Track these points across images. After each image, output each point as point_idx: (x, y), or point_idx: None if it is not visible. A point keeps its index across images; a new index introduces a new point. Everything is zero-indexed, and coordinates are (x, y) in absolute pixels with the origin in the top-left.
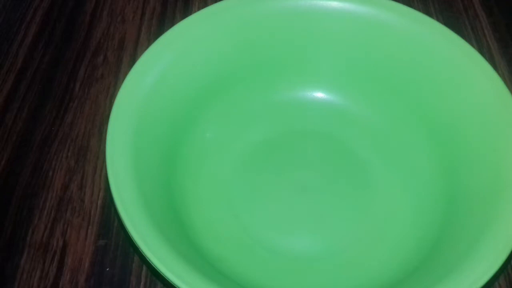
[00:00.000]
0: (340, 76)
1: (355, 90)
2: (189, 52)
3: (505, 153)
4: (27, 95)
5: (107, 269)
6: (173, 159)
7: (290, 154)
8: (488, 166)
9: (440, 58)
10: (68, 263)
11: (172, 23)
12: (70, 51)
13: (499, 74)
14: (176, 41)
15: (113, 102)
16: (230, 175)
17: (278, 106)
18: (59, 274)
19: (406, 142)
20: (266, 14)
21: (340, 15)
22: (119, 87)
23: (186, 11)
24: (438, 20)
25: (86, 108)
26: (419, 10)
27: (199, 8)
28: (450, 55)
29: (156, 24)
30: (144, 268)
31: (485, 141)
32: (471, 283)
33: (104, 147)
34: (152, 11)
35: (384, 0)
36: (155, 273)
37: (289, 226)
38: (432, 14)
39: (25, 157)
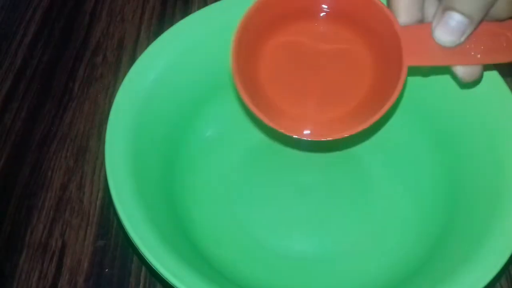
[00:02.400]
0: None
1: None
2: (189, 51)
3: (505, 154)
4: (26, 94)
5: (106, 269)
6: (173, 159)
7: (291, 154)
8: (489, 166)
9: None
10: (67, 264)
11: (172, 22)
12: (70, 51)
13: (499, 73)
14: (175, 41)
15: (112, 102)
16: (230, 175)
17: None
18: (58, 275)
19: (407, 143)
20: None
21: None
22: (119, 86)
23: (186, 11)
24: None
25: (85, 108)
26: None
27: (198, 8)
28: None
29: (155, 24)
30: (143, 269)
31: (486, 141)
32: (473, 283)
33: (103, 147)
34: (152, 10)
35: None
36: (154, 274)
37: (289, 227)
38: None
39: (24, 157)
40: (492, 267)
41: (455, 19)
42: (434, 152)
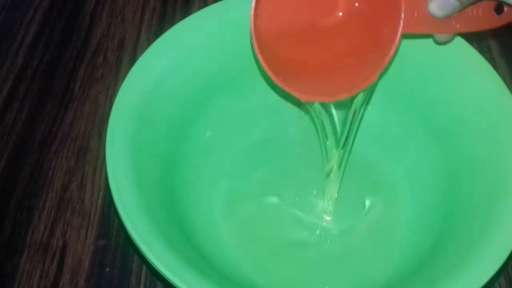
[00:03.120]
0: None
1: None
2: (189, 52)
3: (505, 153)
4: (27, 95)
5: (107, 269)
6: (173, 159)
7: (291, 153)
8: (489, 166)
9: (440, 58)
10: (68, 263)
11: (172, 23)
12: (70, 51)
13: (499, 74)
14: (176, 41)
15: (113, 102)
16: (230, 174)
17: (279, 105)
18: (59, 274)
19: (408, 142)
20: None
21: None
22: (119, 87)
23: (186, 11)
24: None
25: (86, 108)
26: None
27: (199, 8)
28: (450, 55)
29: (156, 24)
30: (144, 268)
31: (486, 141)
32: (472, 282)
33: (104, 147)
34: (152, 11)
35: None
36: (155, 273)
37: (290, 226)
38: None
39: (25, 157)
40: (490, 266)
41: (450, 2)
42: (433, 152)
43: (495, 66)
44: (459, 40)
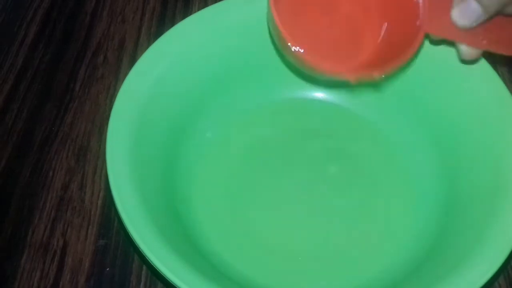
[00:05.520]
0: None
1: (355, 91)
2: (189, 52)
3: (505, 153)
4: (27, 95)
5: (107, 269)
6: (173, 159)
7: (290, 153)
8: (488, 166)
9: (440, 58)
10: (68, 263)
11: (172, 23)
12: (70, 51)
13: (499, 74)
14: (176, 42)
15: (113, 102)
16: (230, 174)
17: (278, 106)
18: (59, 274)
19: (406, 142)
20: (266, 14)
21: None
22: (119, 87)
23: (186, 11)
24: None
25: (86, 108)
26: None
27: (199, 8)
28: (450, 56)
29: (156, 24)
30: (144, 268)
31: (485, 141)
32: (472, 282)
33: (104, 147)
34: (152, 11)
35: None
36: (155, 273)
37: (290, 226)
38: None
39: (25, 157)
40: (490, 266)
41: (472, 7)
42: (433, 152)
43: (495, 66)
44: None
